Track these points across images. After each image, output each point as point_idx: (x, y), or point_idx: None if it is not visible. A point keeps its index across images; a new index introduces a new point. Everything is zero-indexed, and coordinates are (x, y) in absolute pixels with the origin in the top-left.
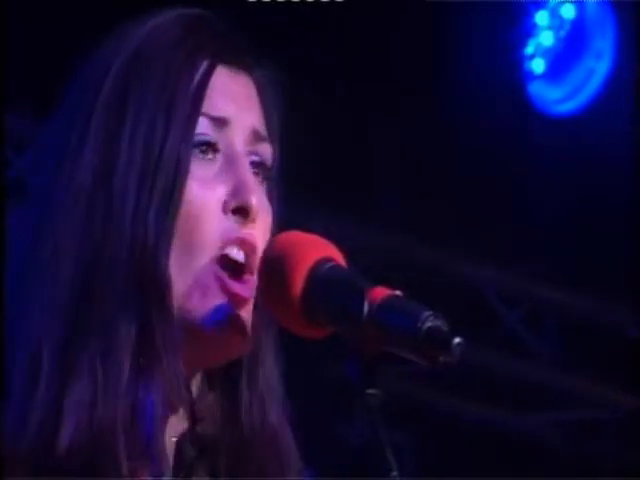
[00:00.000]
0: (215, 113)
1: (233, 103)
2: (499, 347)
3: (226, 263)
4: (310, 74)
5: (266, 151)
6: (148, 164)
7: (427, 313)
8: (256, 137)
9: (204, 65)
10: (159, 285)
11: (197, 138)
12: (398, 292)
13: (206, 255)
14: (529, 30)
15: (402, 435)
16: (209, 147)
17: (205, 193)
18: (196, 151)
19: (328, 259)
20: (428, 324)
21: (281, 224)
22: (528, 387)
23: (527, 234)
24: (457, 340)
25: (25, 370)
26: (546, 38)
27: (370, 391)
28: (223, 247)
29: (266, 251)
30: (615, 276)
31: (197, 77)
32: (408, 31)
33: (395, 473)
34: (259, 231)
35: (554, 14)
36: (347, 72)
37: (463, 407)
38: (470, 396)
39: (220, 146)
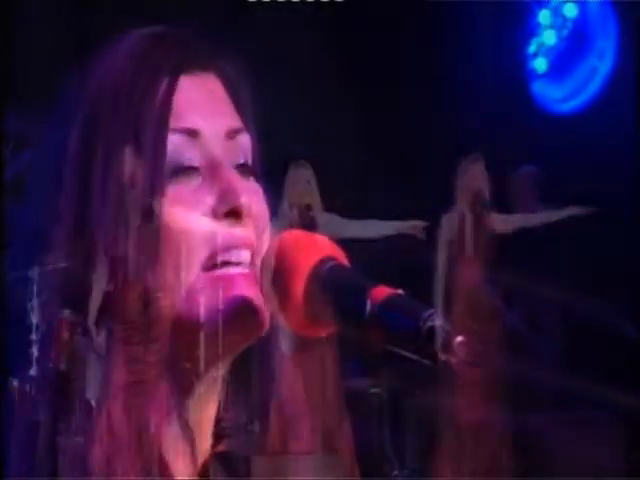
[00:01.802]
0: (184, 126)
1: (200, 111)
2: (499, 347)
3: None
4: (310, 74)
5: (245, 143)
6: (122, 196)
7: (429, 312)
8: (231, 134)
9: (165, 83)
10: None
11: (171, 156)
12: (400, 291)
13: (203, 264)
14: (532, 29)
15: (402, 434)
16: (185, 161)
17: (191, 208)
18: (173, 169)
19: (330, 258)
20: (430, 323)
21: None
22: (528, 387)
23: (527, 234)
24: (459, 339)
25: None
26: (548, 37)
27: (372, 390)
28: (219, 253)
29: (268, 251)
30: (615, 276)
31: (159, 97)
32: (410, 30)
33: (396, 472)
34: (255, 228)
35: (556, 13)
36: (348, 72)
37: (463, 407)
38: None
39: (198, 157)
